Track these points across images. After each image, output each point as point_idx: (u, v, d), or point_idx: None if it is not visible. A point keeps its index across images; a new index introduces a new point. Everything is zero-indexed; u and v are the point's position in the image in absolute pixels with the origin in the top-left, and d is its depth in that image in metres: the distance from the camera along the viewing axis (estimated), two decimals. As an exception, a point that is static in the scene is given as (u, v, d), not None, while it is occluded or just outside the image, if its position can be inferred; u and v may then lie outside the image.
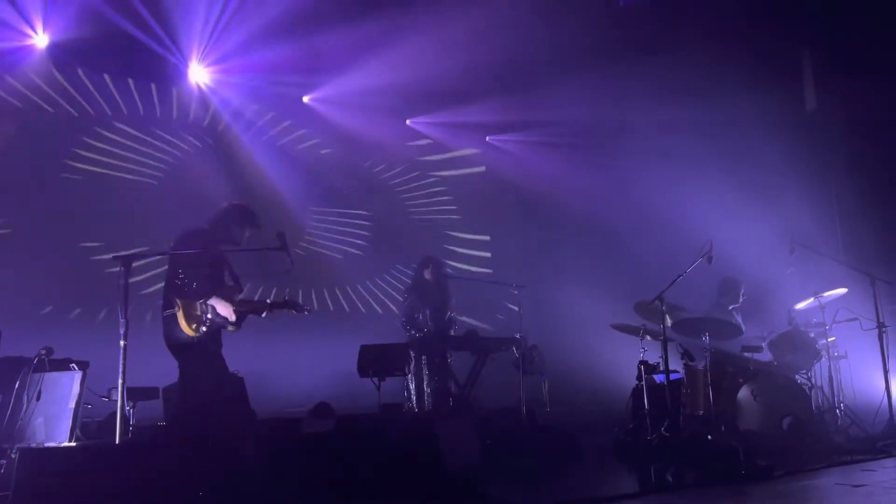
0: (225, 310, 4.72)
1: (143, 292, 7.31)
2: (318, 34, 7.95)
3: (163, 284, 4.84)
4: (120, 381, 4.18)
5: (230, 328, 4.83)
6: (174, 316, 4.61)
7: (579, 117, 9.71)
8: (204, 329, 4.63)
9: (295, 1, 7.43)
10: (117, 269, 4.21)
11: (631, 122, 9.42)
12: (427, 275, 6.86)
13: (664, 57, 8.36)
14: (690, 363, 6.17)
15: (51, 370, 5.04)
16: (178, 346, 4.66)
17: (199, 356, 4.68)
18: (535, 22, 7.96)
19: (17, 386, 4.87)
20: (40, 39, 7.64)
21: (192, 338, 4.60)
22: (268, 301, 5.08)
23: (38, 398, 4.93)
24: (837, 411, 6.39)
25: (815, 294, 6.62)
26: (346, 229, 9.80)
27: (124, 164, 8.31)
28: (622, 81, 8.69)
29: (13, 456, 4.31)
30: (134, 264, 4.27)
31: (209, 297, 4.68)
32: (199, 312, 4.63)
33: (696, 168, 8.84)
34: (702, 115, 8.83)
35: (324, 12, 7.68)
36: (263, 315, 4.97)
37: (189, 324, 4.59)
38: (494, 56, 8.54)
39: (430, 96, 9.62)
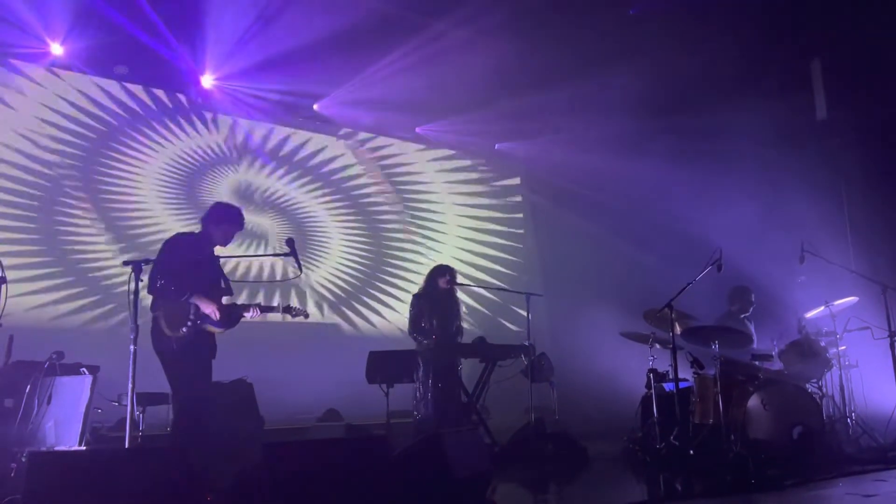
0: (208, 307, 4.71)
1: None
2: (332, 54, 8.04)
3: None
4: (130, 386, 4.22)
5: (217, 330, 4.82)
6: (157, 319, 4.65)
7: (588, 127, 9.72)
8: (184, 330, 4.63)
9: (311, 24, 7.53)
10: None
11: (641, 131, 9.41)
12: (442, 283, 6.80)
13: (673, 66, 8.35)
14: (700, 371, 6.14)
15: (62, 374, 5.07)
16: (161, 351, 4.67)
17: (184, 362, 4.64)
18: (542, 30, 7.98)
19: (28, 390, 4.89)
20: (55, 48, 7.72)
21: (176, 340, 4.60)
22: (257, 303, 5.03)
23: (49, 402, 4.95)
24: (848, 421, 6.36)
25: (826, 303, 6.59)
26: (354, 238, 9.82)
27: (136, 172, 8.36)
28: (632, 90, 8.68)
29: (23, 459, 4.34)
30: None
31: (190, 297, 4.69)
32: (181, 314, 4.65)
33: (705, 176, 8.83)
34: (711, 124, 8.81)
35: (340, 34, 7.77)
36: (250, 316, 4.90)
37: (170, 327, 4.61)
38: (503, 63, 8.56)
39: (439, 105, 9.65)
